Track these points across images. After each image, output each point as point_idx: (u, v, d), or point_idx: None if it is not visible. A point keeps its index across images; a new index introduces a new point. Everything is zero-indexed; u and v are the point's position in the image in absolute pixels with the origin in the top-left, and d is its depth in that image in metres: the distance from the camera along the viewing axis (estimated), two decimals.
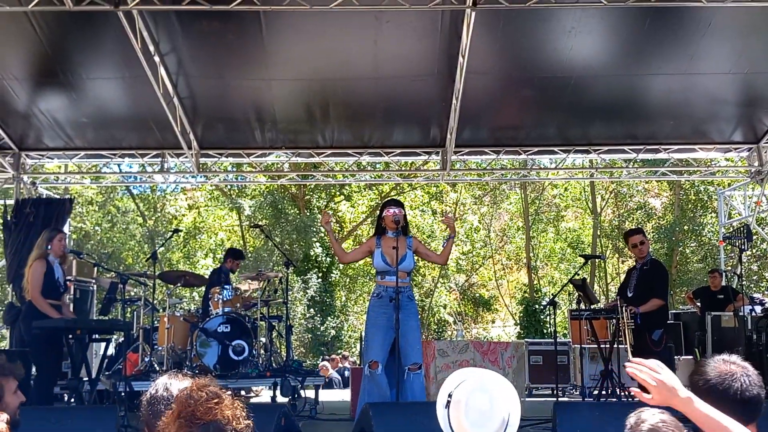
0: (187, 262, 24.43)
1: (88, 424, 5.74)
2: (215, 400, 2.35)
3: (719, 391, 2.51)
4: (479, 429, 2.55)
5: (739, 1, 7.83)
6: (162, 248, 18.81)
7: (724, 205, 13.76)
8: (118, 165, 13.49)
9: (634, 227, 15.96)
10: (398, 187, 23.55)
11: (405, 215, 7.07)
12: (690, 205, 24.76)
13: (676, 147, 11.22)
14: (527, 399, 9.91)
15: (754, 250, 20.03)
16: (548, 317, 20.71)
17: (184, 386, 2.87)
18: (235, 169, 13.02)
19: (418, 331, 6.91)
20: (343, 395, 11.13)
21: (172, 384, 2.88)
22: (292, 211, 23.65)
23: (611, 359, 8.01)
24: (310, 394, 9.07)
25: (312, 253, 22.75)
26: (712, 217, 22.63)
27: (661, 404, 2.43)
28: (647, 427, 2.52)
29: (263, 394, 11.04)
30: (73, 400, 7.57)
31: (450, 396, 2.65)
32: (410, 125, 10.81)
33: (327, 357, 20.00)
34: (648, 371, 2.44)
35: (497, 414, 2.56)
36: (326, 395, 10.95)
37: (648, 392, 2.45)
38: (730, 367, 2.59)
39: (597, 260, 21.92)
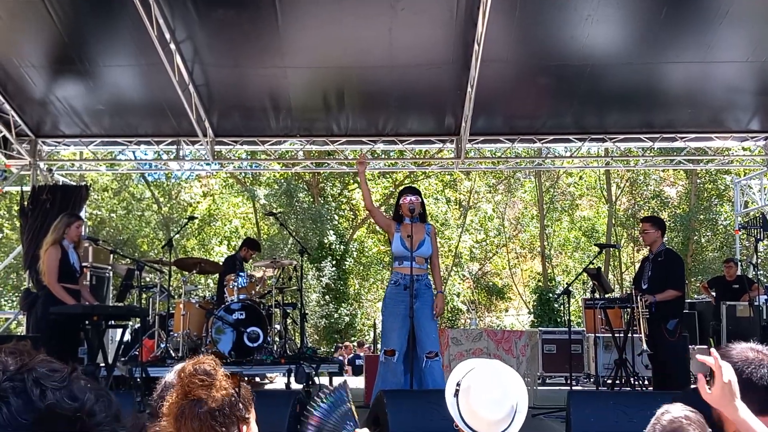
0: (202, 249, 24.57)
1: None
2: (202, 377, 2.23)
3: (743, 377, 2.49)
4: (489, 415, 2.56)
5: None
6: (177, 235, 18.90)
7: (741, 195, 13.65)
8: (134, 152, 13.53)
9: (649, 215, 15.92)
10: (412, 175, 23.51)
11: (422, 202, 7.05)
12: (706, 194, 24.63)
13: (692, 135, 11.16)
14: (541, 388, 9.91)
15: None
16: (562, 306, 20.70)
17: None
18: (249, 157, 13.05)
19: (434, 319, 6.82)
20: (357, 382, 11.17)
21: None
22: (306, 198, 23.71)
23: (625, 348, 8.00)
24: (324, 380, 9.11)
25: (326, 241, 22.82)
26: (728, 206, 22.49)
27: (715, 402, 2.42)
28: (669, 418, 2.53)
29: (278, 381, 11.10)
30: None
31: (458, 384, 2.66)
32: (425, 113, 10.79)
33: (340, 344, 20.11)
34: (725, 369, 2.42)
35: (507, 401, 2.58)
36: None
37: (710, 386, 2.43)
38: (757, 354, 2.58)
39: (612, 249, 21.84)
